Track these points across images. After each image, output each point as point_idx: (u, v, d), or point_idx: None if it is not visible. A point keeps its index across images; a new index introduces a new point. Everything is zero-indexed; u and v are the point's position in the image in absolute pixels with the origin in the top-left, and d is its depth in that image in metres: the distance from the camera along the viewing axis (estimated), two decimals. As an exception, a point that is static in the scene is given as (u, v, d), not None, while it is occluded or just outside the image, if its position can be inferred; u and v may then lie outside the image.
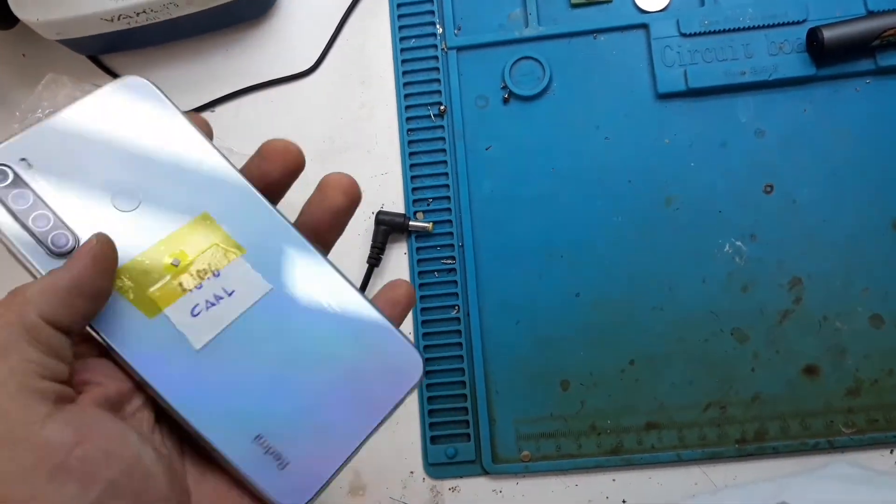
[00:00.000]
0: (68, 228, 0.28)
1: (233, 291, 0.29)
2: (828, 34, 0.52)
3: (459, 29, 0.57)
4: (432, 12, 0.57)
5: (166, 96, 0.31)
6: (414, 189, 0.55)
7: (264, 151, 0.31)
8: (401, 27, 0.57)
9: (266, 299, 0.29)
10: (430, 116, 0.56)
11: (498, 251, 0.53)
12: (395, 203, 0.55)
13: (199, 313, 0.29)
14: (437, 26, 0.57)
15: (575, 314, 0.52)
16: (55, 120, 0.29)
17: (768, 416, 0.50)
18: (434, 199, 0.54)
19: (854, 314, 0.51)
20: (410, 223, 0.54)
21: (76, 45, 0.56)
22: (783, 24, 0.54)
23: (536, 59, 0.55)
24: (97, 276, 0.27)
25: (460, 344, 0.52)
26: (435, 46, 0.57)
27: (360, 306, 0.30)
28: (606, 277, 0.52)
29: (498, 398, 0.52)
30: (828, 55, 0.52)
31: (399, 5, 0.58)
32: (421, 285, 0.53)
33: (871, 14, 0.53)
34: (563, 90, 0.55)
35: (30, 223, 0.28)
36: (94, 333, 0.27)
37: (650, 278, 0.52)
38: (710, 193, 0.53)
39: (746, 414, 0.50)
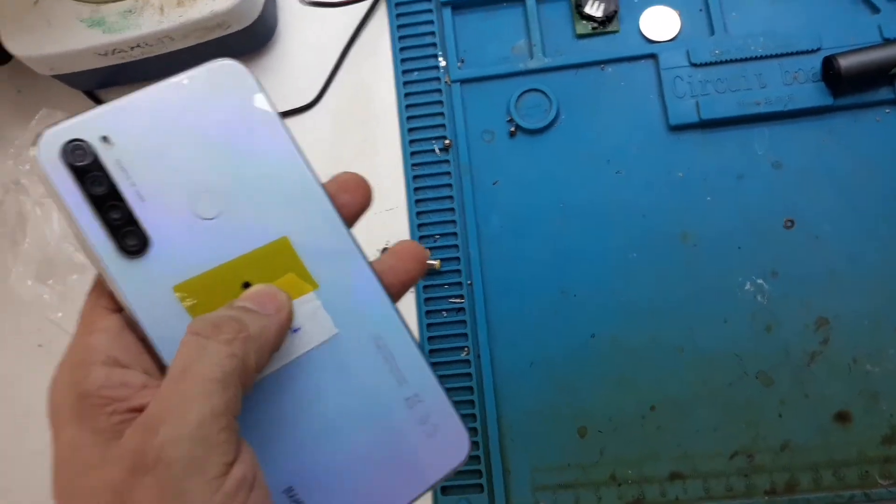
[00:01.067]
0: (141, 227, 0.25)
1: (298, 329, 0.27)
2: (844, 63, 0.50)
3: (463, 62, 0.55)
4: (434, 45, 0.56)
5: (262, 90, 0.28)
6: (420, 225, 0.53)
7: (342, 182, 0.29)
8: (403, 60, 0.56)
9: (329, 344, 0.27)
10: (434, 151, 0.54)
11: (508, 289, 0.51)
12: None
13: None
14: (440, 59, 0.55)
15: (591, 356, 0.49)
16: (142, 96, 0.26)
17: (799, 465, 0.47)
18: (441, 235, 0.52)
19: (885, 355, 0.48)
20: (416, 262, 0.51)
21: (71, 80, 0.55)
22: (797, 53, 0.52)
23: (543, 92, 0.53)
24: (284, 337, 0.26)
25: (471, 388, 0.49)
26: (438, 80, 0.55)
27: (421, 370, 0.28)
28: (623, 317, 0.50)
29: (512, 446, 0.49)
30: (845, 84, 0.50)
31: (401, 38, 0.56)
32: (429, 325, 0.51)
33: (887, 41, 0.51)
34: (571, 123, 0.53)
35: (103, 213, 0.25)
36: (147, 344, 0.25)
37: (669, 318, 0.49)
38: (728, 228, 0.51)
39: (775, 463, 0.47)
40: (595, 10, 0.54)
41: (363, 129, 0.55)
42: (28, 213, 0.54)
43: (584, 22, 0.54)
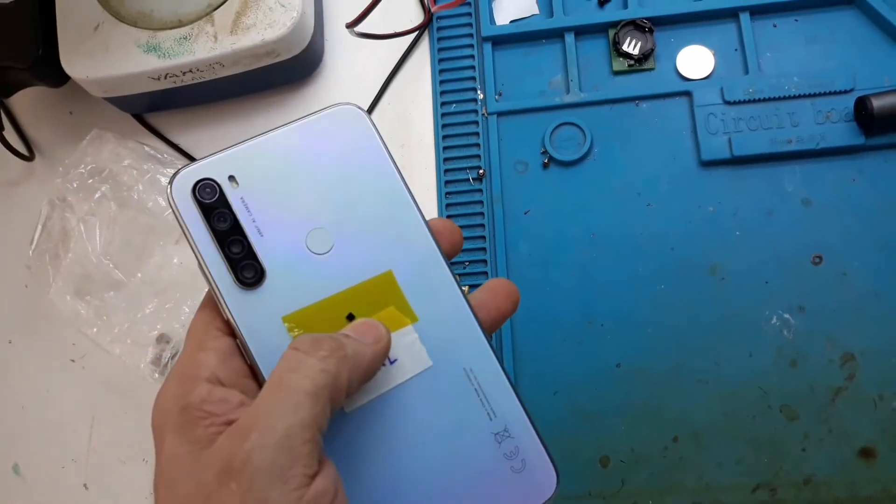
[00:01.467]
0: (258, 261, 0.28)
1: (395, 360, 0.28)
2: (877, 103, 0.50)
3: (500, 95, 0.57)
4: (473, 78, 0.57)
5: (377, 132, 0.30)
6: (451, 252, 0.54)
7: (434, 227, 0.31)
8: (442, 92, 0.57)
9: (423, 376, 0.28)
10: (469, 180, 0.55)
11: (535, 317, 0.52)
12: (432, 266, 0.54)
13: None
14: (479, 92, 0.57)
15: (615, 386, 0.50)
16: (266, 140, 0.29)
17: (822, 500, 0.47)
18: (471, 262, 0.53)
19: (912, 393, 0.48)
20: (446, 287, 0.52)
21: (122, 103, 0.57)
22: (830, 94, 0.53)
23: (577, 125, 0.55)
24: (378, 367, 0.27)
25: (495, 413, 0.50)
26: (475, 111, 0.57)
27: (512, 405, 0.29)
28: (648, 348, 0.50)
29: (534, 472, 0.49)
30: (877, 124, 0.51)
31: (441, 71, 0.58)
32: (456, 351, 0.52)
33: (920, 84, 0.52)
34: (604, 156, 0.54)
35: (225, 247, 0.27)
36: (255, 371, 0.27)
37: (694, 350, 0.50)
38: (756, 263, 0.51)
39: (798, 498, 0.47)
40: (632, 48, 0.55)
41: (401, 156, 0.57)
42: (72, 229, 0.56)
43: (621, 59, 0.56)
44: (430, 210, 0.55)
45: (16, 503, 0.55)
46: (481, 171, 0.55)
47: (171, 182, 0.27)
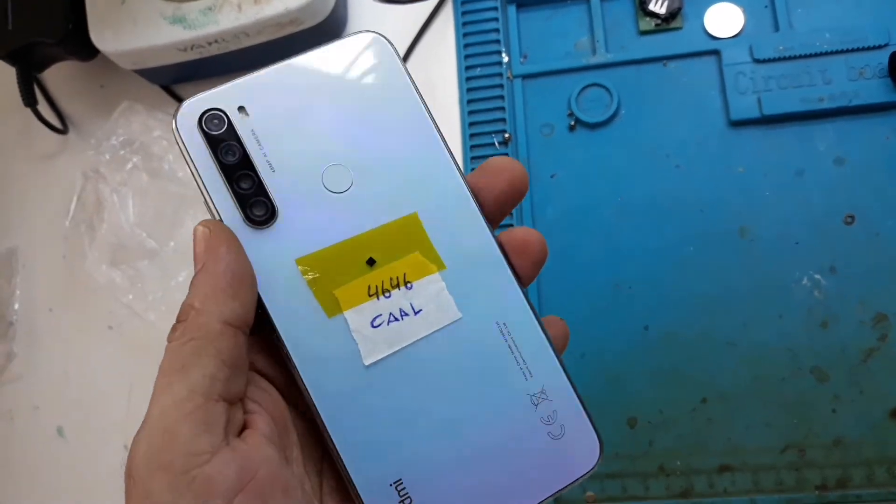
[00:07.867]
0: (269, 198, 0.25)
1: (420, 310, 0.26)
2: (913, 59, 0.49)
3: (525, 57, 0.56)
4: (498, 41, 0.57)
5: (402, 63, 0.28)
6: (477, 217, 0.54)
7: (489, 168, 0.27)
8: (467, 56, 0.57)
9: (451, 329, 0.26)
10: (494, 144, 0.55)
11: (562, 281, 0.52)
12: (458, 231, 0.54)
13: (379, 325, 0.26)
14: (503, 55, 0.56)
15: (643, 348, 0.50)
16: (280, 68, 0.26)
17: (852, 461, 0.47)
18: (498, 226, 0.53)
19: (946, 354, 0.47)
20: (473, 251, 0.53)
21: (150, 74, 0.58)
22: (863, 49, 0.51)
23: (604, 87, 0.54)
24: (244, 262, 0.24)
25: (523, 376, 0.51)
26: (500, 75, 0.56)
27: (550, 365, 0.27)
28: (677, 310, 0.50)
29: (561, 433, 0.50)
30: (913, 81, 0.50)
31: (465, 34, 0.57)
32: (483, 315, 0.52)
33: (959, 38, 0.51)
34: (631, 117, 0.54)
35: (233, 182, 0.25)
36: (265, 315, 0.25)
37: (723, 312, 0.50)
38: (787, 224, 0.51)
39: (828, 458, 0.47)
40: (659, 6, 0.54)
41: (426, 122, 0.57)
42: (105, 200, 0.58)
43: (648, 19, 0.55)
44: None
45: (61, 464, 0.58)
46: (507, 135, 0.55)
47: (175, 113, 0.25)
